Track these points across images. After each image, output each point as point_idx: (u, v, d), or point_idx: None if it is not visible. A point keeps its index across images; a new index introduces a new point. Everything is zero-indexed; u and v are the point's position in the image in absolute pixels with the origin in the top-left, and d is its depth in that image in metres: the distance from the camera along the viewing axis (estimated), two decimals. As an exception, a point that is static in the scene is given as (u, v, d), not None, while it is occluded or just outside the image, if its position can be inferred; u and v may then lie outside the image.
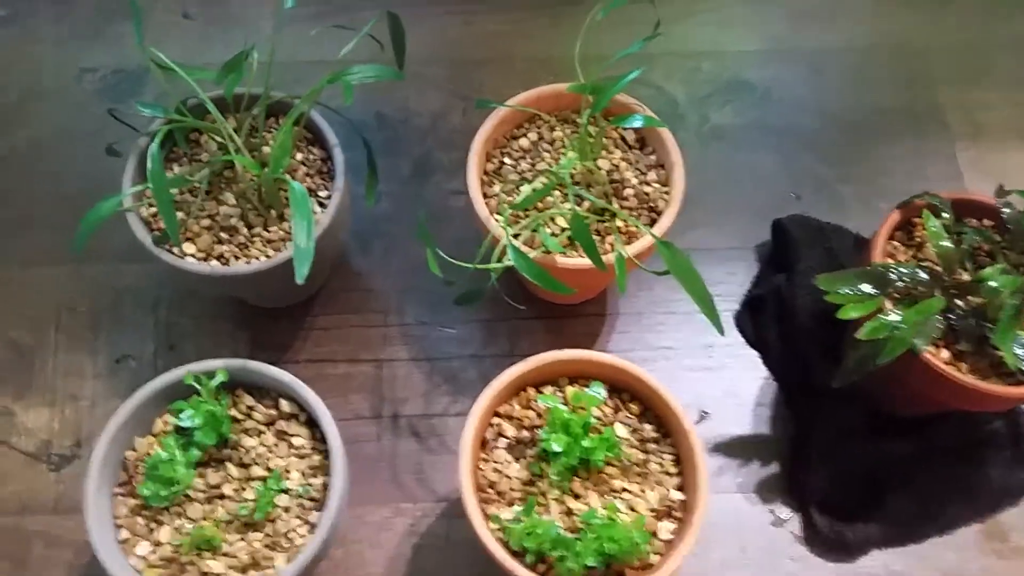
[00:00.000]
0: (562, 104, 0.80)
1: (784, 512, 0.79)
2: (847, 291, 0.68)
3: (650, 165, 0.79)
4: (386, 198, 0.94)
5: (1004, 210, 0.73)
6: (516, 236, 0.71)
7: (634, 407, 0.70)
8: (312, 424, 0.69)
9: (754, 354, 0.87)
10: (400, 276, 0.90)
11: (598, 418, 0.69)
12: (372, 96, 0.99)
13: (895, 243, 0.75)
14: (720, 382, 0.86)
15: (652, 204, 0.77)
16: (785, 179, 0.97)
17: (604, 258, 0.69)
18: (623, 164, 0.78)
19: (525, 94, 0.80)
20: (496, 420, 0.69)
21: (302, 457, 0.68)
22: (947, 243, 0.70)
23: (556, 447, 0.63)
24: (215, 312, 0.87)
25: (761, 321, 0.87)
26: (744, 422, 0.84)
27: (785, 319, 0.85)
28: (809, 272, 0.85)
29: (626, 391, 0.70)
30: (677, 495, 0.66)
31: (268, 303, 0.86)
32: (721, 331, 0.65)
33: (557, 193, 0.76)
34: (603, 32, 0.78)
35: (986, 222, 0.76)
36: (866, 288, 0.69)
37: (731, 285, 0.91)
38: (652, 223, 0.75)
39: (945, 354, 0.69)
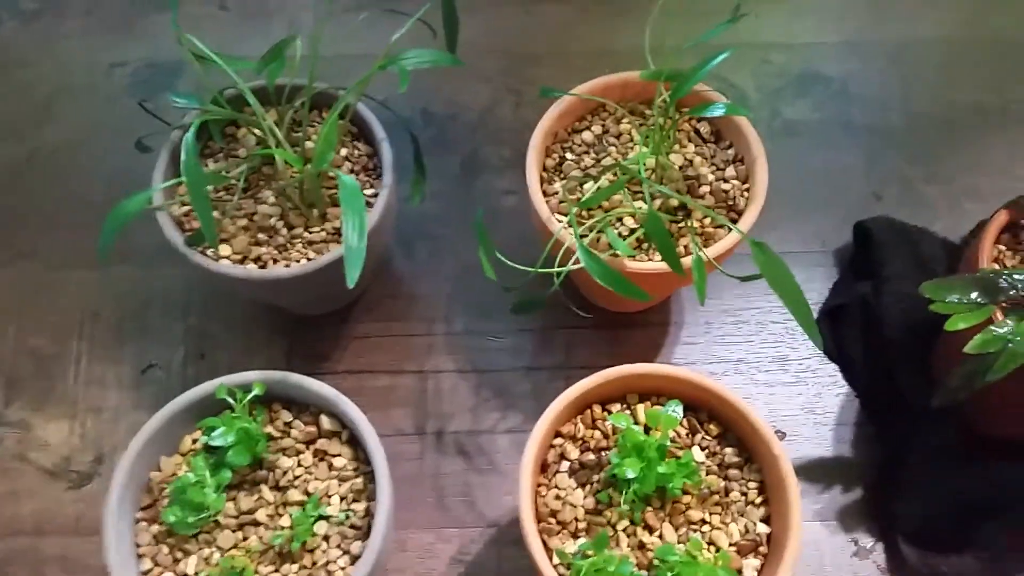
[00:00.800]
0: (629, 94, 0.73)
1: (868, 541, 0.71)
2: (955, 299, 0.60)
3: (727, 160, 0.72)
4: (432, 198, 0.87)
5: None
6: (582, 237, 0.64)
7: (713, 428, 0.62)
8: (354, 443, 0.62)
9: (834, 368, 0.79)
10: (447, 281, 0.84)
11: (673, 440, 0.62)
12: (418, 91, 0.92)
13: (1001, 247, 0.67)
14: (797, 398, 0.78)
15: (731, 202, 0.69)
16: (864, 178, 0.89)
17: (681, 261, 0.62)
18: (698, 159, 0.71)
19: (591, 83, 0.73)
20: (558, 441, 0.62)
21: (343, 480, 0.61)
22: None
23: (630, 473, 0.56)
24: (249, 319, 0.81)
25: (843, 332, 0.79)
26: (824, 443, 0.76)
27: (871, 330, 0.77)
28: (897, 278, 0.77)
29: (703, 410, 0.63)
30: (763, 528, 0.58)
31: (306, 310, 0.80)
32: (820, 344, 0.58)
33: (626, 191, 0.69)
34: (669, 22, 0.71)
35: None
36: (975, 297, 0.61)
37: (809, 293, 0.82)
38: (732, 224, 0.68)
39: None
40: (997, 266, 0.67)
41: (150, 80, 0.96)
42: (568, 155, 0.72)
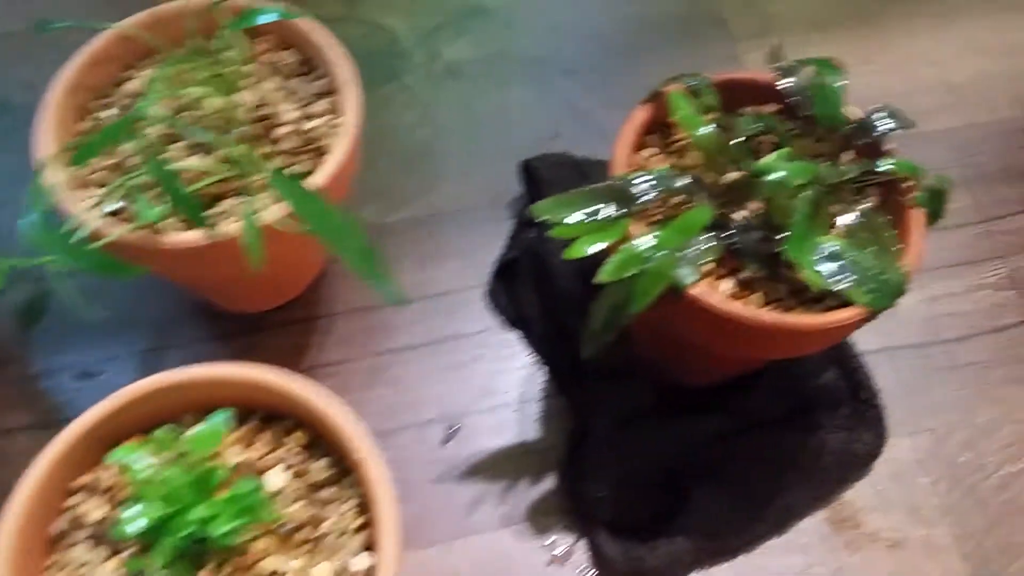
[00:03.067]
0: (190, 29, 0.57)
1: (564, 543, 0.58)
2: (578, 218, 0.47)
3: (319, 93, 0.57)
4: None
5: (783, 82, 0.54)
6: (98, 207, 0.47)
7: (300, 436, 0.46)
8: None
9: (515, 337, 0.66)
10: None
11: (246, 463, 0.45)
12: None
13: (650, 151, 0.55)
14: (473, 379, 0.64)
15: (321, 145, 0.54)
16: (541, 116, 0.77)
17: (229, 227, 0.46)
18: (277, 95, 0.56)
19: (132, 18, 0.56)
20: (75, 499, 0.44)
21: None
22: (707, 130, 0.50)
23: (137, 525, 0.39)
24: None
25: (517, 290, 0.66)
26: (507, 428, 0.62)
27: (543, 282, 0.64)
28: (566, 219, 0.64)
29: (291, 418, 0.47)
30: (361, 563, 0.43)
31: None
32: (395, 299, 0.44)
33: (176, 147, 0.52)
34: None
35: (770, 107, 0.57)
36: (606, 211, 0.48)
37: (487, 253, 0.69)
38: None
39: (727, 285, 0.49)
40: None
41: None
42: (106, 113, 0.55)
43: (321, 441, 0.46)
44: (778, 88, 0.53)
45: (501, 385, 0.64)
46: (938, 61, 0.83)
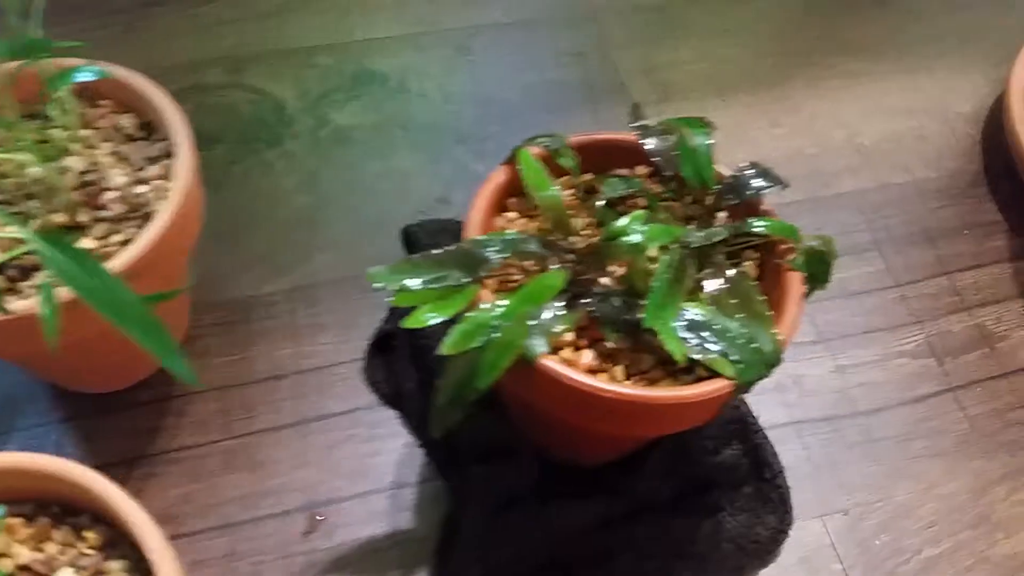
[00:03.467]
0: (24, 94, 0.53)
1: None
2: (418, 284, 0.43)
3: (155, 157, 0.53)
4: None
5: (646, 142, 0.50)
6: None
7: (95, 536, 0.41)
8: None
9: (392, 416, 0.61)
10: None
11: (26, 567, 0.39)
12: None
13: (511, 214, 0.51)
14: (344, 463, 0.58)
15: (149, 211, 0.50)
16: (432, 182, 0.73)
17: (25, 304, 0.41)
18: (107, 160, 0.52)
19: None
20: None
21: None
22: (552, 191, 0.47)
23: None
24: None
25: (395, 366, 0.61)
26: (378, 517, 0.56)
27: (420, 356, 0.60)
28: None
29: (87, 512, 0.42)
30: None
31: None
32: (189, 378, 0.38)
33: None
34: None
35: (643, 169, 0.54)
36: (453, 277, 0.44)
37: (365, 325, 0.65)
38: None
39: (588, 356, 0.45)
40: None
41: None
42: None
43: (124, 540, 0.41)
44: (644, 149, 0.50)
45: (374, 469, 0.58)
46: (846, 123, 0.81)
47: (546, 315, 0.43)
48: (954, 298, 0.71)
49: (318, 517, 0.56)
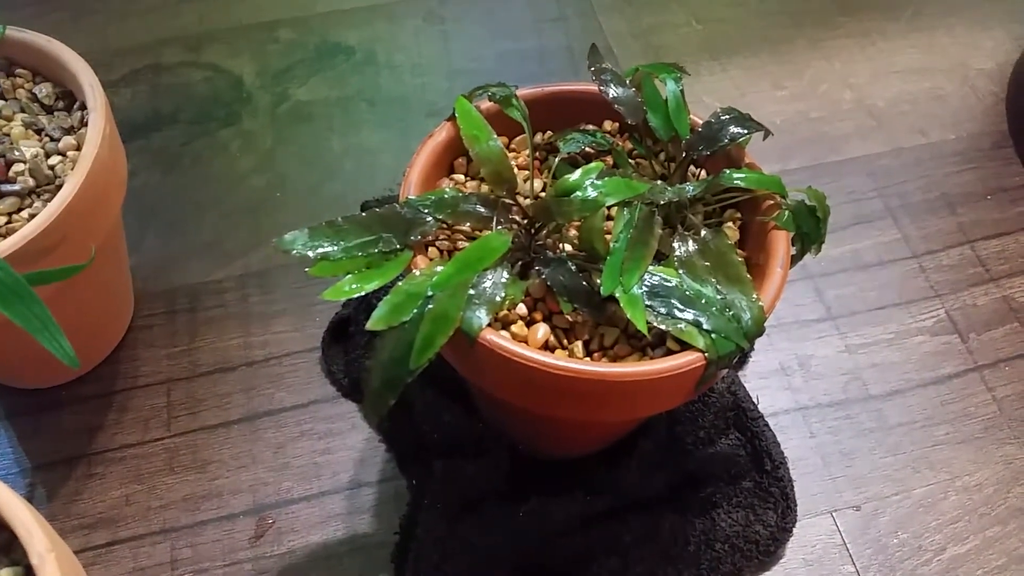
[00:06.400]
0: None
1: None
2: (339, 252, 0.38)
3: (72, 127, 0.48)
4: None
5: (605, 89, 0.44)
6: None
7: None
8: None
9: (351, 407, 0.55)
10: None
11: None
12: None
13: (460, 176, 0.46)
14: (296, 462, 0.53)
15: (63, 183, 0.45)
16: (400, 159, 0.68)
17: None
18: (18, 132, 0.47)
19: None
20: None
21: None
22: (494, 144, 0.41)
23: None
24: None
25: (352, 355, 0.56)
26: (333, 521, 0.51)
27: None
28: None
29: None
30: None
31: None
32: (72, 362, 0.33)
33: None
34: None
35: (610, 125, 0.48)
36: (384, 242, 0.38)
37: (323, 312, 0.59)
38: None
39: (542, 331, 0.39)
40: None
41: None
42: None
43: (16, 544, 0.36)
44: (606, 99, 0.44)
45: (329, 467, 0.53)
46: (855, 85, 0.75)
47: (488, 283, 0.37)
48: (978, 269, 0.64)
49: (267, 521, 0.51)
